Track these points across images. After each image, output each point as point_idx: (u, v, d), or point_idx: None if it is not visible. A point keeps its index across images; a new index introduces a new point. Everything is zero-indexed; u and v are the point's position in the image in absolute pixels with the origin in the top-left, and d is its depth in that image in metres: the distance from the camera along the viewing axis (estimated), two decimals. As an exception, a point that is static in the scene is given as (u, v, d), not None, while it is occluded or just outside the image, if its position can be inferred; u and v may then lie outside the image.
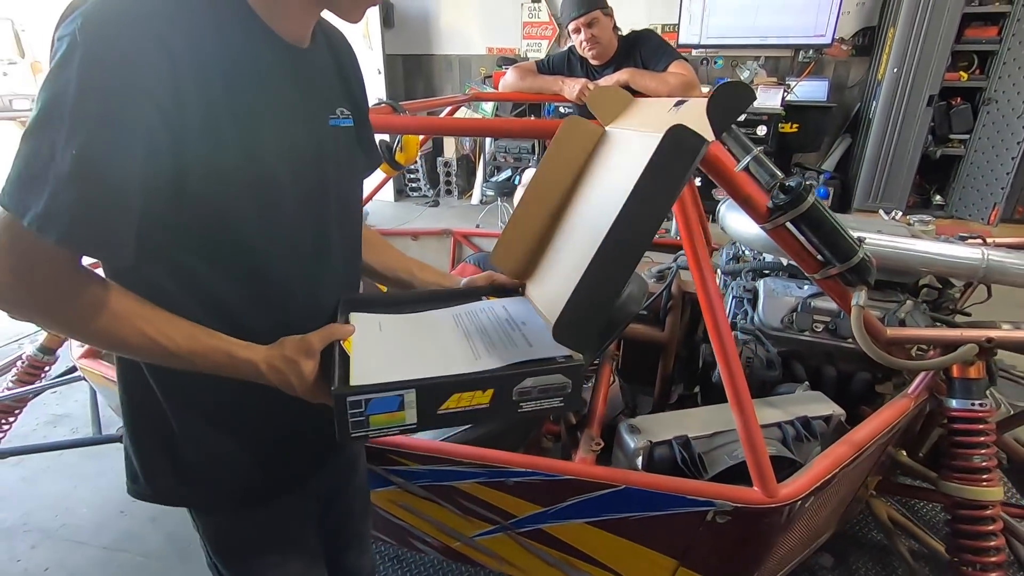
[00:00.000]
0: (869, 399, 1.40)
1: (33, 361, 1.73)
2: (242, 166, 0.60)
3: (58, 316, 0.58)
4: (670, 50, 2.00)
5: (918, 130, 4.21)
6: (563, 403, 0.65)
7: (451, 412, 0.62)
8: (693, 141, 0.59)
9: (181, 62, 0.54)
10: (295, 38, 0.66)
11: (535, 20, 5.14)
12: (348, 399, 0.58)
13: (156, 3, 0.55)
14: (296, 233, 0.68)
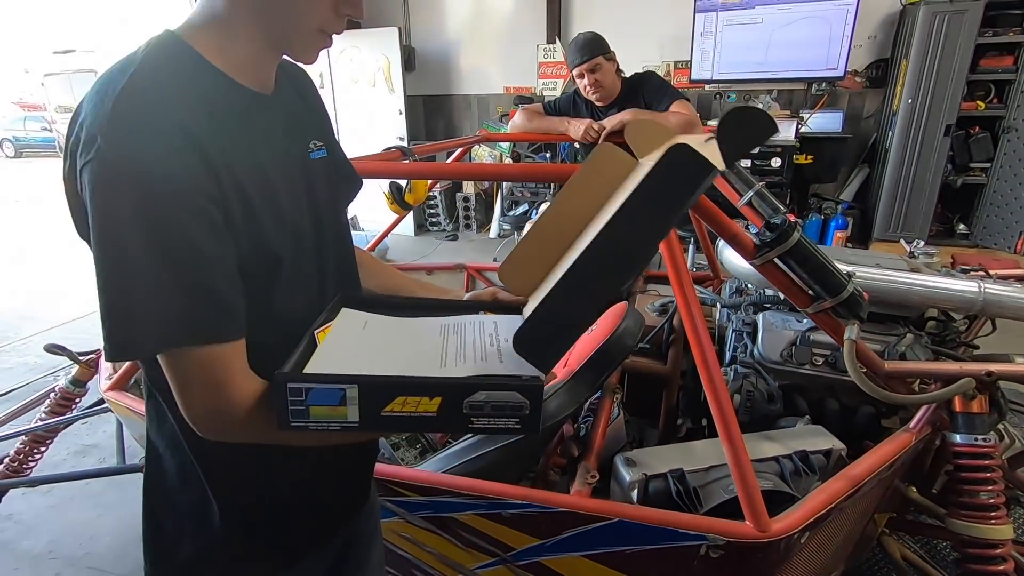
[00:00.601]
0: (874, 434, 1.39)
1: (65, 393, 1.83)
2: (274, 229, 0.63)
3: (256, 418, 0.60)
4: (671, 90, 2.07)
5: (936, 159, 4.17)
6: (519, 425, 0.59)
7: (395, 416, 0.58)
8: (695, 165, 0.53)
9: (206, 145, 0.56)
10: (262, 86, 0.67)
11: (550, 60, 5.31)
12: (288, 385, 0.56)
13: (163, 93, 0.56)
14: (308, 279, 0.72)
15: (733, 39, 4.57)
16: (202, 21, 0.63)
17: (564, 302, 0.59)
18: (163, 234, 0.53)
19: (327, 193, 0.76)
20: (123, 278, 0.54)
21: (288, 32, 0.63)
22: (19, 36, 18.01)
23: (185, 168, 0.54)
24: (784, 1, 4.35)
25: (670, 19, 4.82)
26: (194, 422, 0.60)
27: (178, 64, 0.60)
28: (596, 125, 2.07)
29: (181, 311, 0.55)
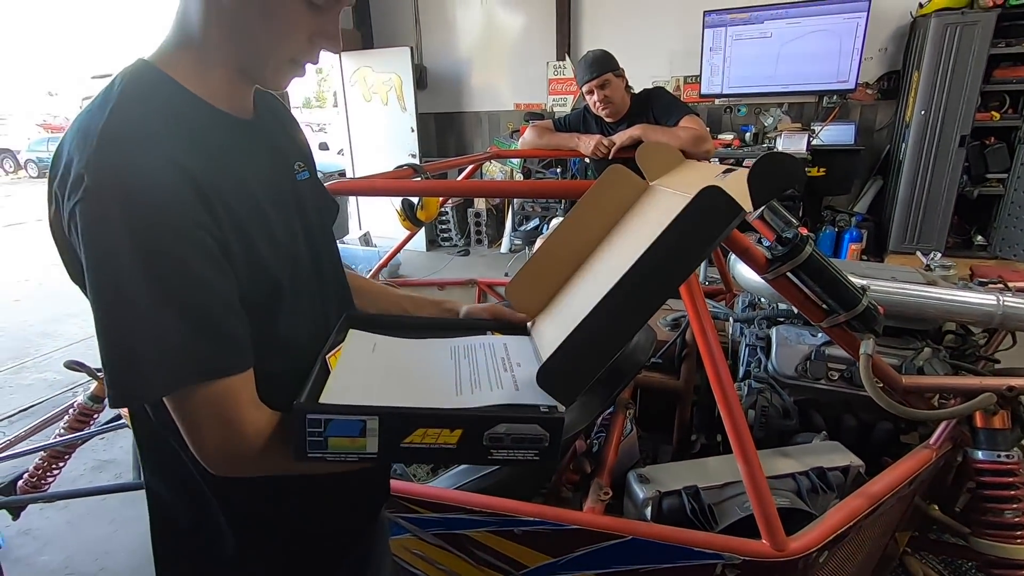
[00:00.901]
0: (892, 450, 1.36)
1: (83, 408, 1.85)
2: (271, 255, 0.62)
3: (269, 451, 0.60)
4: (681, 105, 2.08)
5: (952, 171, 4.13)
6: (538, 457, 0.59)
7: (415, 447, 0.58)
8: (726, 207, 0.55)
9: (196, 176, 0.54)
10: (242, 111, 0.67)
11: (560, 77, 5.37)
12: (308, 416, 0.56)
13: (147, 126, 0.55)
14: (310, 302, 0.72)
15: (742, 53, 4.58)
16: (176, 47, 0.62)
17: (590, 337, 0.59)
18: (162, 269, 0.52)
19: (316, 214, 0.76)
20: (124, 319, 0.53)
21: (261, 60, 0.62)
22: (44, 60, 18.56)
23: (178, 201, 0.53)
24: (793, 16, 4.37)
25: (679, 35, 4.85)
26: (206, 460, 0.60)
27: (157, 94, 0.59)
28: (606, 141, 2.08)
29: (187, 348, 0.54)
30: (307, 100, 18.22)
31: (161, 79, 0.60)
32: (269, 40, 0.60)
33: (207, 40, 0.60)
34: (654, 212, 0.77)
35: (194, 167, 0.55)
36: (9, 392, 3.29)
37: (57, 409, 1.99)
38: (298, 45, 0.62)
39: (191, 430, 0.58)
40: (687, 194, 0.68)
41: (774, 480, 1.13)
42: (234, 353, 0.58)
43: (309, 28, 0.61)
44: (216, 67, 0.62)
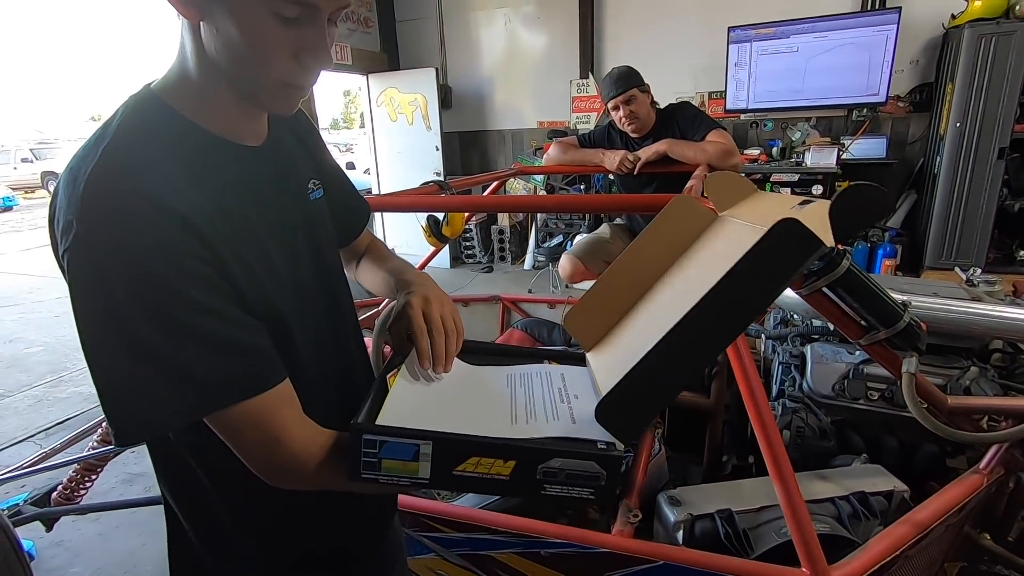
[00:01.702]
0: (938, 474, 1.30)
1: (116, 422, 1.89)
2: (274, 290, 0.62)
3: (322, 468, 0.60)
4: (707, 119, 2.06)
5: (990, 184, 3.99)
6: (593, 495, 0.58)
7: (467, 476, 0.58)
8: (805, 241, 0.52)
9: (187, 215, 0.53)
10: (251, 137, 0.65)
11: (584, 95, 5.39)
12: (364, 436, 0.56)
13: (137, 166, 0.54)
14: (317, 331, 0.71)
15: (768, 68, 4.54)
16: (177, 77, 0.61)
17: (654, 373, 0.57)
18: (163, 305, 0.51)
19: (329, 232, 0.75)
20: (125, 354, 0.51)
21: (255, 87, 0.59)
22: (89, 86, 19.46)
23: (168, 238, 0.52)
24: (820, 30, 4.32)
25: (703, 50, 4.84)
26: (262, 476, 0.60)
27: (155, 127, 0.58)
28: (631, 156, 2.07)
29: (211, 373, 0.53)
30: (335, 122, 18.67)
31: (160, 110, 0.59)
32: (255, 65, 0.57)
33: (202, 71, 0.59)
34: (723, 244, 0.74)
35: (185, 207, 0.54)
36: (47, 405, 3.39)
37: (91, 422, 2.04)
38: (285, 65, 0.58)
39: (238, 448, 0.58)
40: (760, 226, 0.66)
41: (813, 505, 1.09)
42: (263, 365, 0.57)
43: (291, 46, 0.57)
44: (217, 98, 0.61)
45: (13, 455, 2.86)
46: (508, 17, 5.63)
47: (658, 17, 5.00)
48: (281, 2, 0.54)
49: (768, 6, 4.52)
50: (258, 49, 0.56)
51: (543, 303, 2.68)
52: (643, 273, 0.85)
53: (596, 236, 2.35)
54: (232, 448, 0.58)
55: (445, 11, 5.85)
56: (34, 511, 1.81)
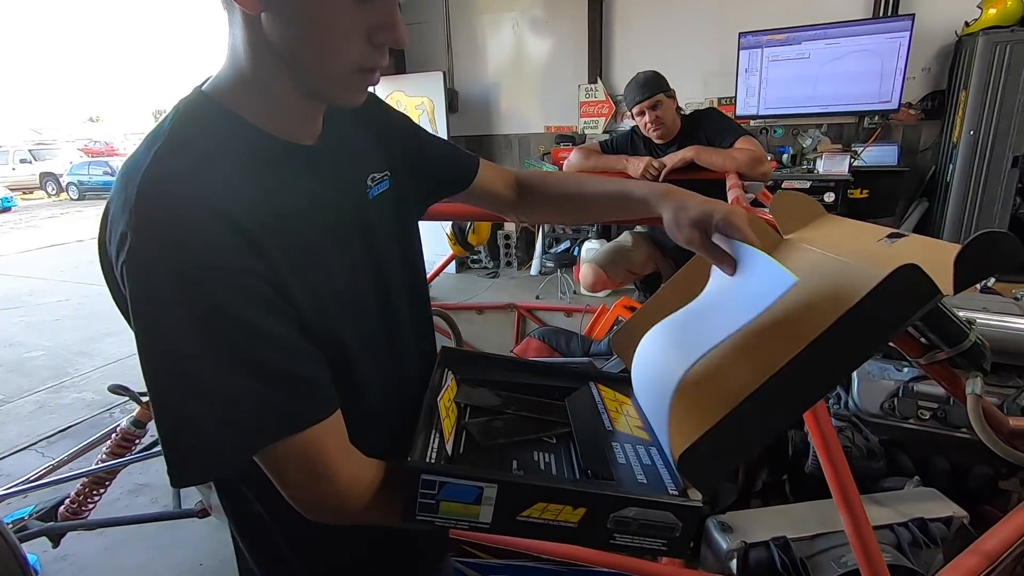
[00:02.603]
0: (991, 497, 1.25)
1: (126, 434, 1.82)
2: (335, 295, 0.59)
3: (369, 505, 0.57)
4: (735, 126, 2.02)
5: (1004, 192, 3.97)
6: (666, 547, 0.55)
7: (531, 522, 0.54)
8: (926, 290, 0.48)
9: (245, 224, 0.50)
10: (310, 136, 0.62)
11: (592, 100, 5.36)
12: (423, 476, 0.52)
13: (192, 171, 0.51)
14: (375, 330, 0.67)
15: (779, 75, 4.51)
16: (230, 78, 0.57)
17: (746, 423, 0.53)
18: (217, 328, 0.48)
19: (392, 230, 0.71)
20: (181, 389, 0.48)
21: (324, 79, 0.55)
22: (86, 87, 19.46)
23: (223, 250, 0.48)
24: (832, 36, 4.29)
25: (713, 56, 4.81)
26: (304, 512, 0.56)
27: (209, 127, 0.55)
28: (656, 162, 2.03)
29: (261, 407, 0.50)
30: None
31: (214, 110, 0.56)
32: (325, 53, 0.53)
33: (259, 73, 0.55)
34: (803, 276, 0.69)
35: (242, 215, 0.50)
36: (48, 412, 3.32)
37: (99, 433, 1.98)
38: (357, 49, 0.54)
39: (281, 484, 0.54)
40: (844, 259, 0.63)
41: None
42: (313, 399, 0.53)
43: (363, 26, 0.53)
44: (275, 97, 0.57)
45: (15, 464, 2.79)
46: (516, 21, 5.59)
47: (668, 22, 4.97)
48: None
49: (780, 12, 4.50)
50: (331, 33, 0.52)
51: (559, 311, 2.63)
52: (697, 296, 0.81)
53: (618, 244, 2.30)
54: (273, 481, 0.54)
55: (452, 14, 5.82)
56: (40, 526, 1.75)
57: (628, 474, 0.59)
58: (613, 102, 5.29)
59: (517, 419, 0.69)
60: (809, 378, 0.51)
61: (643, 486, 0.57)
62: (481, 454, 0.60)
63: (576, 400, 0.75)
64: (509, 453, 0.61)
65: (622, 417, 0.72)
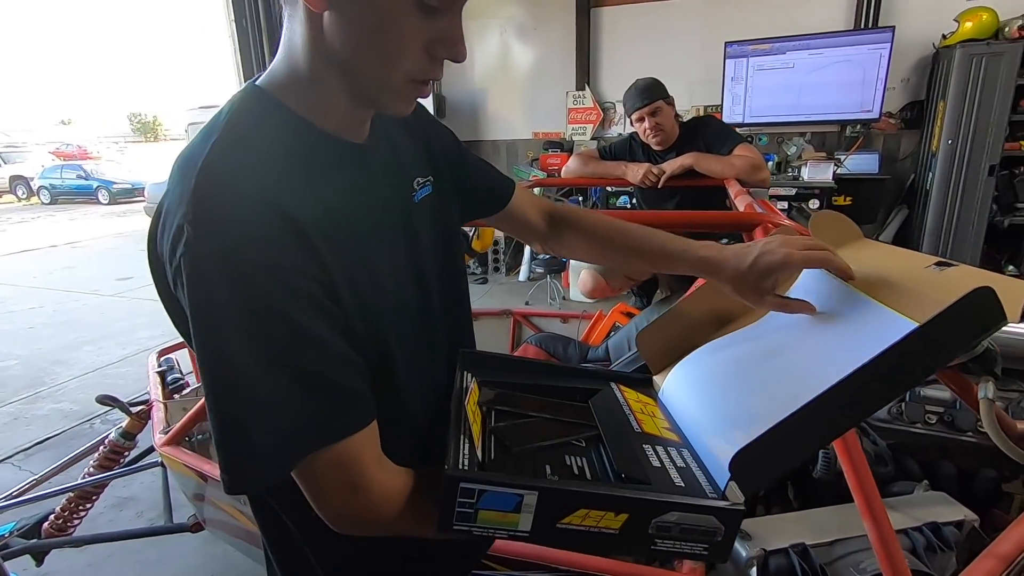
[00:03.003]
0: (996, 500, 1.27)
1: (114, 446, 1.77)
2: (382, 297, 0.58)
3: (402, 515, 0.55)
4: (734, 134, 2.04)
5: (981, 199, 4.09)
6: (707, 552, 0.54)
7: (572, 529, 0.53)
8: (995, 315, 0.49)
9: (301, 219, 0.50)
10: (359, 135, 0.61)
11: (580, 106, 5.39)
12: (462, 485, 0.50)
13: (250, 162, 0.50)
14: (416, 334, 0.66)
15: (764, 83, 4.60)
16: (285, 75, 0.56)
17: (802, 428, 0.52)
18: (267, 329, 0.47)
19: (433, 235, 0.70)
20: (232, 391, 0.48)
21: (377, 86, 0.55)
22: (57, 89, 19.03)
23: (277, 246, 0.48)
24: (816, 47, 4.39)
25: (699, 64, 4.88)
26: (331, 523, 0.54)
27: (266, 122, 0.54)
28: (655, 169, 2.04)
29: (303, 415, 0.49)
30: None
31: (271, 104, 0.56)
32: (383, 60, 0.53)
33: (315, 71, 0.55)
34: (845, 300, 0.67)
35: (299, 209, 0.50)
36: (25, 424, 3.20)
37: (84, 446, 1.91)
38: (415, 60, 0.53)
39: (313, 495, 0.53)
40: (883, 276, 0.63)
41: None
42: (354, 409, 0.52)
43: (424, 37, 0.53)
44: (329, 93, 0.56)
45: (-10, 478, 2.68)
46: (503, 27, 5.61)
47: (655, 30, 5.03)
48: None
49: (765, 22, 4.59)
50: (393, 40, 0.52)
51: (555, 317, 2.62)
52: (727, 305, 0.80)
53: (616, 250, 2.30)
54: (306, 493, 0.53)
55: (440, 20, 5.81)
56: (23, 544, 1.68)
57: (664, 477, 0.58)
58: (601, 109, 5.33)
59: (543, 422, 0.67)
60: (872, 389, 0.51)
61: (681, 489, 0.56)
62: (512, 459, 0.58)
63: (600, 401, 0.73)
64: (540, 458, 0.59)
65: (648, 419, 0.71)
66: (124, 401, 1.78)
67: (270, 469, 0.49)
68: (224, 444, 0.49)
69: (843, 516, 1.09)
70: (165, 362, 2.01)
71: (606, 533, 0.53)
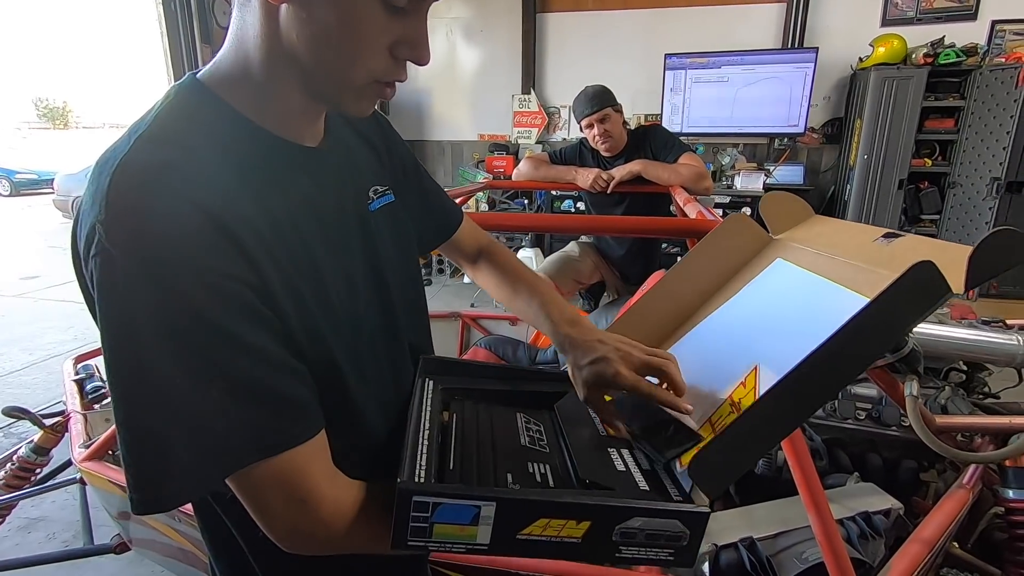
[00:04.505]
0: (916, 488, 1.37)
1: (24, 463, 1.60)
2: (329, 310, 0.54)
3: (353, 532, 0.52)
4: (679, 143, 2.11)
5: (892, 211, 4.45)
6: (672, 557, 0.53)
7: (533, 540, 0.51)
8: (939, 288, 0.49)
9: (232, 224, 0.46)
10: (310, 137, 0.58)
11: (525, 110, 5.43)
12: (415, 498, 0.48)
13: (175, 162, 0.46)
14: (374, 347, 0.63)
15: (701, 95, 4.81)
16: (231, 68, 0.52)
17: (759, 426, 0.52)
18: (193, 337, 0.43)
19: (394, 244, 0.67)
20: (154, 408, 0.44)
21: (338, 86, 0.52)
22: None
23: (206, 252, 0.44)
24: (748, 63, 4.63)
25: (641, 74, 5.04)
26: (279, 542, 0.51)
27: (201, 119, 0.50)
28: (605, 174, 2.08)
29: (238, 428, 0.45)
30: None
31: (211, 100, 0.51)
32: (345, 58, 0.50)
33: (268, 67, 0.51)
34: (800, 280, 0.69)
35: (228, 208, 0.46)
36: (-90, 439, 2.85)
37: (-12, 462, 1.72)
38: (379, 60, 0.51)
39: (257, 512, 0.49)
40: (844, 259, 0.64)
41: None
42: (298, 419, 0.49)
43: (390, 36, 0.50)
44: (281, 91, 0.52)
45: None
46: (450, 28, 5.57)
47: (599, 39, 5.14)
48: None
49: (703, 37, 4.80)
50: (357, 40, 0.49)
51: (504, 320, 2.62)
52: (691, 294, 0.81)
53: (565, 255, 2.34)
54: (247, 508, 0.49)
55: (384, 16, 5.69)
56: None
57: (629, 481, 0.57)
58: (546, 113, 5.39)
59: (506, 429, 0.66)
60: (823, 378, 0.52)
61: (645, 493, 0.55)
62: (473, 468, 0.56)
63: (565, 406, 0.72)
64: (502, 466, 0.57)
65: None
66: (34, 412, 1.62)
67: (191, 487, 0.46)
68: (137, 461, 0.44)
69: (784, 510, 1.15)
70: (83, 369, 1.85)
71: (568, 543, 0.52)
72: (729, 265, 0.82)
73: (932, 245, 0.59)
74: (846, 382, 0.55)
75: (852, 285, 0.59)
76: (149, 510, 0.45)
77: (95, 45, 34.56)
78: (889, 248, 0.64)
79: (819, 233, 0.77)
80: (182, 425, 0.44)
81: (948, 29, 4.28)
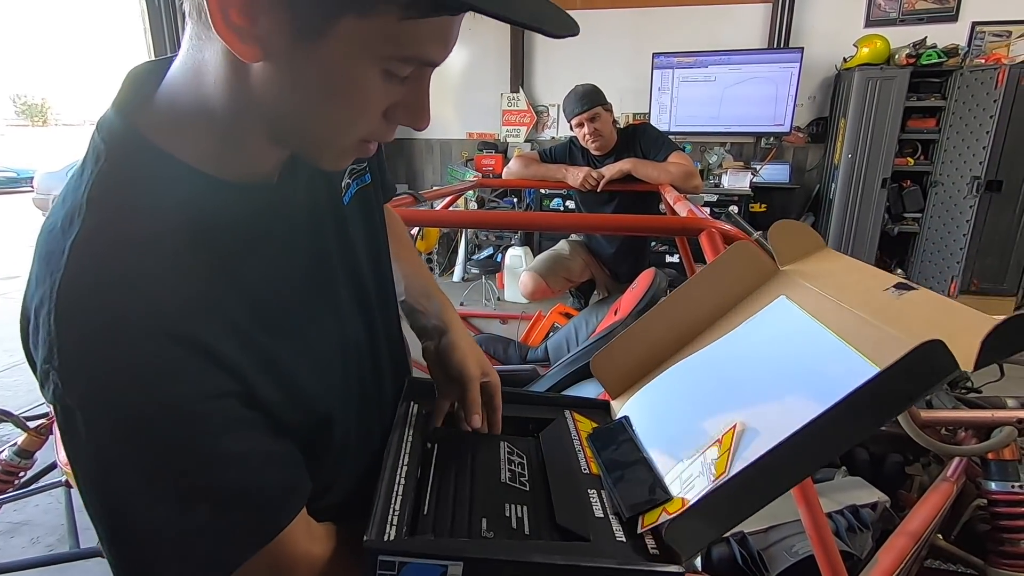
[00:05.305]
0: (901, 482, 1.40)
1: (7, 466, 1.58)
2: (316, 369, 0.53)
3: None
4: (669, 142, 2.13)
5: (876, 209, 4.52)
6: None
7: None
8: (945, 367, 0.46)
9: (208, 338, 0.42)
10: (270, 175, 0.52)
11: (514, 108, 5.43)
12: (380, 557, 0.47)
13: (132, 280, 0.41)
14: (360, 382, 0.62)
15: (689, 94, 4.84)
16: (185, 119, 0.45)
17: (742, 495, 0.50)
18: (181, 471, 0.42)
19: (364, 243, 0.65)
20: (144, 541, 0.42)
21: (316, 146, 0.47)
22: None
23: (179, 383, 0.41)
24: (735, 62, 4.67)
25: (629, 73, 5.06)
26: None
27: (150, 190, 0.44)
28: (595, 173, 2.09)
29: (229, 535, 0.44)
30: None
31: (158, 160, 0.44)
32: (332, 125, 0.45)
33: (234, 117, 0.45)
34: (803, 326, 0.66)
35: (194, 316, 0.42)
36: None
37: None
38: (371, 124, 0.46)
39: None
40: (843, 304, 0.62)
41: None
42: (282, 506, 0.48)
43: (387, 101, 0.46)
44: (246, 143, 0.47)
45: None
46: (438, 25, 5.54)
47: (587, 38, 5.14)
48: (399, 63, 0.43)
49: (690, 37, 4.83)
50: (348, 107, 0.44)
51: (495, 318, 2.63)
52: (688, 322, 0.79)
53: (556, 253, 2.34)
54: None
55: (371, 13, 5.66)
56: None
57: (606, 530, 0.55)
58: (535, 112, 5.40)
59: (489, 461, 0.64)
60: (814, 448, 0.50)
61: (621, 546, 0.53)
62: (448, 513, 0.55)
63: (551, 436, 0.71)
64: (479, 509, 0.56)
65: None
66: (18, 415, 1.59)
67: None
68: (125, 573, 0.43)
69: (775, 505, 1.16)
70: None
71: None
72: (732, 294, 0.78)
73: (943, 307, 0.55)
74: (833, 457, 0.54)
75: (855, 341, 0.57)
76: None
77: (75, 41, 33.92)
78: (899, 303, 0.60)
79: (828, 271, 0.74)
80: (172, 553, 0.43)
81: (930, 30, 4.35)
